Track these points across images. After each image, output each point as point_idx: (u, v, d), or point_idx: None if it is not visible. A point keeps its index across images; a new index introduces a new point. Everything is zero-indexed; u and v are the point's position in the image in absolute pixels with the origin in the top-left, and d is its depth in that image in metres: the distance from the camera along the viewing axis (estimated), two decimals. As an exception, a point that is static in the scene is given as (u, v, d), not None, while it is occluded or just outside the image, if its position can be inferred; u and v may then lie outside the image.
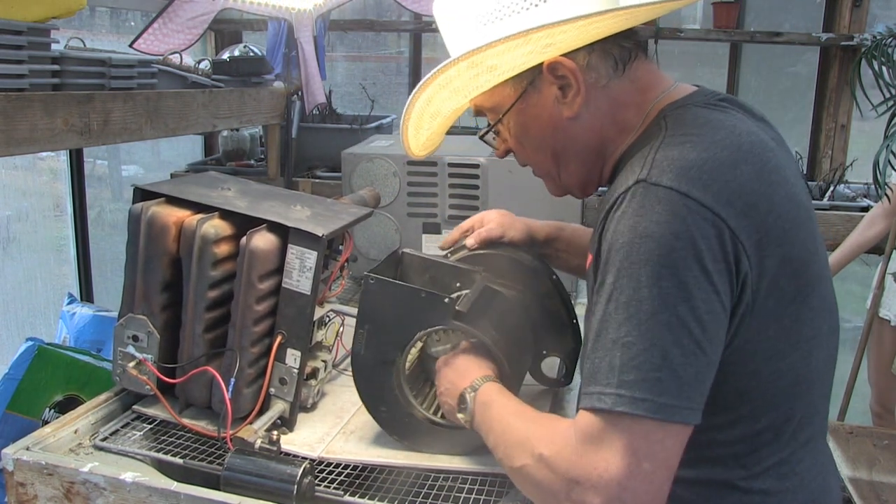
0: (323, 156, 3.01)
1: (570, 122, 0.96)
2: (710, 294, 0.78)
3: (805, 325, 0.87)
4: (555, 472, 0.80)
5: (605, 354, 0.79)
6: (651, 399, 0.76)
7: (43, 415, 1.96)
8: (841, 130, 3.16)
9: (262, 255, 1.15)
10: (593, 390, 0.79)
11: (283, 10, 2.82)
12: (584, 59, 0.93)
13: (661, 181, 0.80)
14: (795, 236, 0.85)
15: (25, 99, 1.57)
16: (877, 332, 2.67)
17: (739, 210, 0.79)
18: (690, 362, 0.77)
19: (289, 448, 1.15)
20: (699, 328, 0.77)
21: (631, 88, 0.96)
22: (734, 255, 0.79)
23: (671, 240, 0.77)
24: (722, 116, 0.90)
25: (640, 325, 0.77)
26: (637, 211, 0.79)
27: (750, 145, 0.85)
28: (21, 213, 2.55)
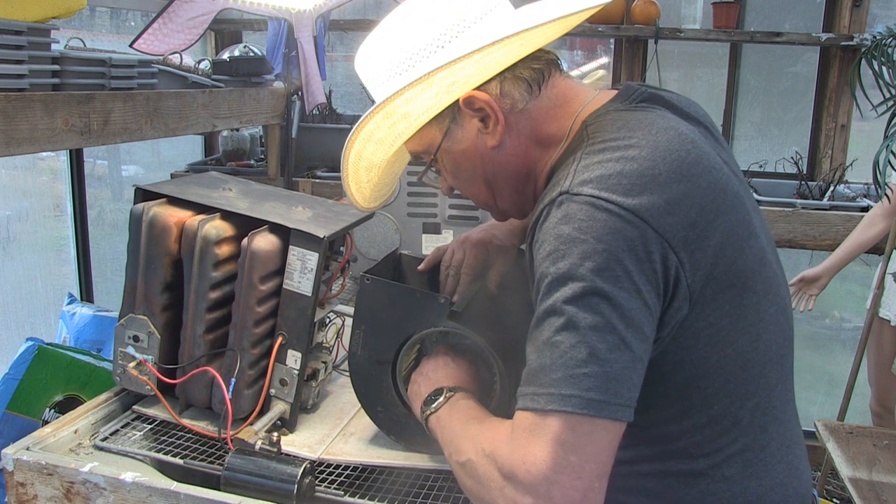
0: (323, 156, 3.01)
1: (495, 150, 0.99)
2: (633, 294, 0.80)
3: (749, 309, 0.89)
4: (492, 466, 0.82)
5: (538, 356, 0.81)
6: (578, 395, 0.77)
7: (43, 415, 1.96)
8: (841, 130, 3.17)
9: (263, 256, 1.15)
10: (527, 391, 0.81)
11: (283, 10, 2.82)
12: (496, 88, 0.96)
13: (582, 190, 0.83)
14: (724, 223, 0.86)
15: (25, 99, 1.57)
16: (877, 332, 2.67)
17: (662, 209, 0.82)
18: (617, 357, 0.78)
19: (289, 449, 1.15)
20: (623, 325, 0.79)
21: (550, 105, 0.98)
22: (660, 255, 0.81)
23: (593, 244, 0.80)
24: (641, 115, 0.92)
25: (566, 324, 0.79)
26: (560, 220, 0.83)
27: (667, 143, 0.87)
28: (21, 213, 2.55)
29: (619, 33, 3.16)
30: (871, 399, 2.79)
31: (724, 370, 0.89)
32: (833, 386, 3.32)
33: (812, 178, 3.17)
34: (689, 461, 0.91)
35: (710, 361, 0.88)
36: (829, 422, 2.48)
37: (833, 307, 3.59)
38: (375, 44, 1.00)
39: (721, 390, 0.90)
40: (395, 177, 1.17)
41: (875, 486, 2.07)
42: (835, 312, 3.63)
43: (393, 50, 0.97)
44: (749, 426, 0.92)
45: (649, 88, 0.99)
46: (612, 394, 0.78)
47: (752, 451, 0.93)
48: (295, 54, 2.91)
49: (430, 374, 1.08)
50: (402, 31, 0.97)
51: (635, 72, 3.28)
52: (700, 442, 0.91)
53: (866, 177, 2.63)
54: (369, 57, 1.01)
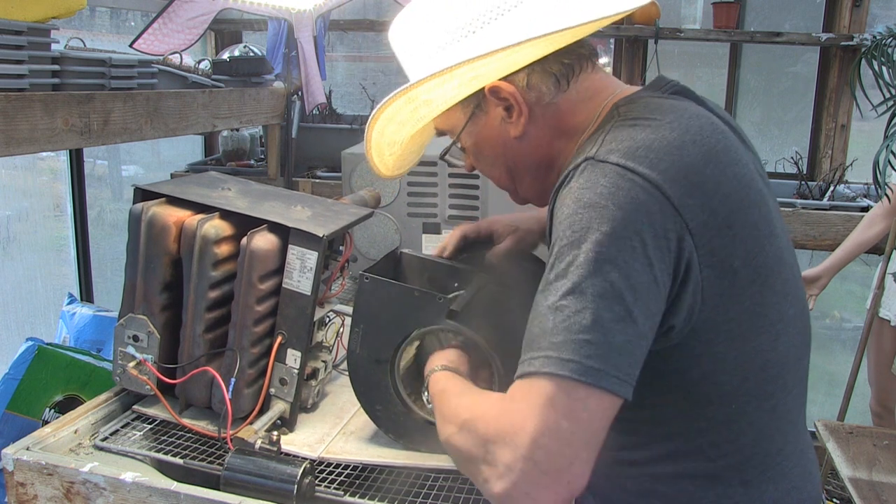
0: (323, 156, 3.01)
1: (517, 140, 0.98)
2: (645, 267, 0.78)
3: (770, 308, 0.88)
4: (474, 435, 0.80)
5: (540, 321, 0.79)
6: (578, 361, 0.74)
7: (43, 415, 1.96)
8: (841, 130, 3.17)
9: (262, 255, 1.15)
10: (525, 357, 0.78)
11: (283, 10, 2.82)
12: (523, 80, 0.95)
13: (608, 158, 0.81)
14: (746, 218, 0.85)
15: (25, 99, 1.57)
16: (877, 332, 2.67)
17: (685, 189, 0.80)
18: (621, 329, 0.76)
19: (289, 448, 1.15)
20: (632, 297, 0.77)
21: (578, 99, 0.98)
22: (675, 233, 0.80)
23: (613, 210, 0.78)
24: (672, 102, 0.92)
25: (573, 289, 0.77)
26: (582, 185, 0.81)
27: (699, 128, 0.87)
28: (21, 213, 2.55)
29: (619, 33, 3.16)
30: (871, 399, 2.79)
31: (742, 368, 0.88)
32: (833, 386, 3.32)
33: (812, 178, 3.17)
34: (705, 463, 0.90)
35: (729, 357, 0.87)
36: (829, 422, 2.48)
37: (833, 307, 3.59)
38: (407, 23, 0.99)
39: (739, 388, 0.88)
40: (422, 147, 1.17)
41: (875, 486, 2.07)
42: (835, 312, 3.63)
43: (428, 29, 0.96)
44: (766, 428, 0.91)
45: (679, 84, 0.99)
46: (612, 365, 0.75)
47: (769, 455, 0.91)
48: (295, 54, 2.91)
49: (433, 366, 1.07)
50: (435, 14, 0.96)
51: (635, 72, 3.28)
52: (716, 442, 0.89)
53: (866, 177, 2.63)
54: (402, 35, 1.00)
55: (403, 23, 1.00)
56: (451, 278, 1.26)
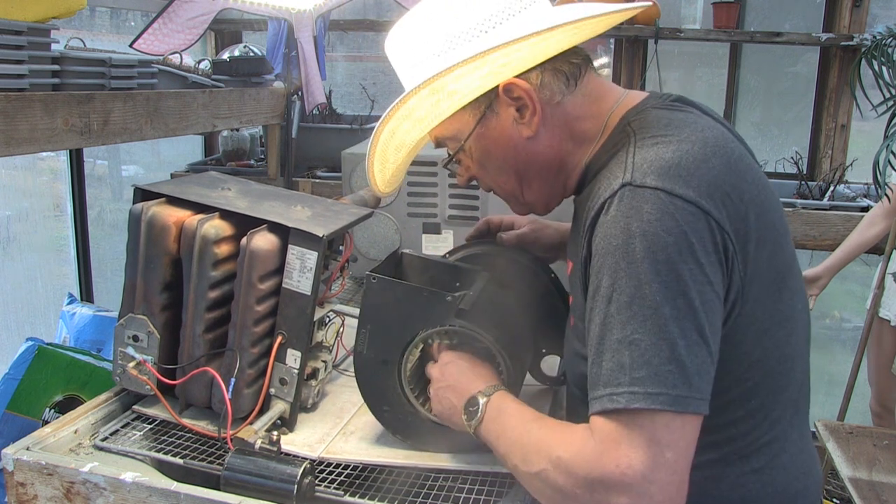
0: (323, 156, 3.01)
1: (529, 141, 0.99)
2: (706, 286, 0.81)
3: (785, 304, 0.91)
4: (574, 475, 0.81)
5: (612, 355, 0.80)
6: (666, 392, 0.77)
7: (43, 415, 1.96)
8: (841, 130, 3.17)
9: (262, 255, 1.15)
10: (603, 393, 0.80)
11: (283, 10, 2.82)
12: (536, 79, 0.97)
13: (645, 182, 0.83)
14: (768, 219, 0.88)
15: (25, 99, 1.57)
16: (877, 332, 2.67)
17: (718, 201, 0.83)
18: (695, 353, 0.79)
19: (289, 448, 1.15)
20: (699, 320, 0.80)
21: (584, 101, 1.00)
22: (723, 245, 0.82)
23: (664, 236, 0.80)
24: (682, 115, 0.94)
25: (644, 321, 0.79)
26: (626, 213, 0.82)
27: (714, 139, 0.89)
28: (21, 213, 2.55)
29: (620, 33, 3.16)
30: (871, 399, 2.79)
31: (764, 364, 0.91)
32: (833, 386, 3.32)
33: (812, 178, 3.17)
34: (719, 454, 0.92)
35: (754, 356, 0.90)
36: (829, 422, 2.48)
37: (833, 307, 3.59)
38: (411, 25, 1.00)
39: (760, 384, 0.91)
40: (406, 166, 1.17)
41: (875, 486, 2.07)
42: (835, 312, 3.63)
43: (433, 31, 0.97)
44: (779, 419, 0.94)
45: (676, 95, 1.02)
46: (695, 389, 0.78)
47: (779, 443, 0.94)
48: (295, 54, 2.91)
49: (457, 384, 1.06)
50: (442, 15, 0.97)
51: (635, 72, 3.28)
52: (734, 436, 0.92)
53: (866, 177, 2.63)
54: (404, 37, 1.00)
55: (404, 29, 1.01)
56: (452, 278, 1.26)
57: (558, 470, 0.83)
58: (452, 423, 1.07)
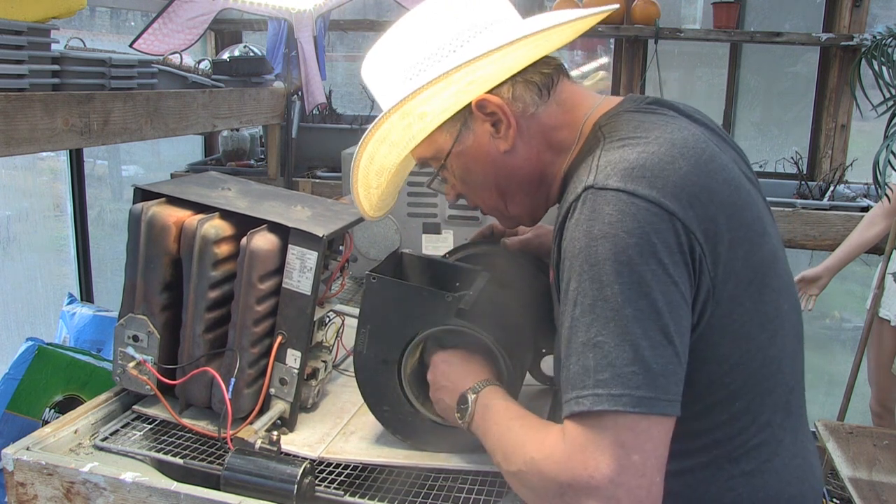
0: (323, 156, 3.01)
1: (507, 155, 0.99)
2: (670, 286, 0.80)
3: (767, 305, 0.90)
4: (545, 477, 0.81)
5: (577, 359, 0.80)
6: (628, 393, 0.77)
7: (43, 415, 1.96)
8: (841, 130, 3.17)
9: (262, 255, 1.15)
10: (571, 396, 0.80)
11: (283, 10, 2.82)
12: (508, 92, 0.97)
13: (608, 184, 0.83)
14: (741, 219, 0.88)
15: (25, 99, 1.57)
16: (877, 332, 2.67)
17: (685, 202, 0.82)
18: (660, 353, 0.79)
19: (289, 448, 1.15)
20: (664, 321, 0.79)
21: (559, 110, 1.00)
22: (688, 246, 0.82)
23: (625, 238, 0.80)
24: (653, 118, 0.94)
25: (607, 323, 0.79)
26: (589, 216, 0.83)
27: (683, 140, 0.88)
28: (21, 213, 2.55)
29: (619, 33, 3.16)
30: (871, 399, 2.79)
31: (745, 366, 0.90)
32: (833, 386, 3.32)
33: (812, 178, 3.17)
34: (708, 458, 0.92)
35: (733, 358, 0.89)
36: (829, 422, 2.48)
37: (833, 307, 3.59)
38: (382, 52, 1.01)
39: (743, 387, 0.91)
40: (398, 187, 1.18)
41: (875, 486, 2.07)
42: (835, 312, 3.63)
43: (403, 56, 0.98)
44: (767, 422, 0.93)
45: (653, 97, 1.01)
46: (660, 390, 0.78)
47: (769, 446, 0.94)
48: (295, 54, 2.91)
49: (449, 384, 1.06)
50: (410, 39, 0.98)
51: (635, 72, 3.28)
52: (720, 439, 0.92)
53: (866, 177, 2.63)
54: (377, 64, 1.02)
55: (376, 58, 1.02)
56: (452, 278, 1.26)
57: (531, 471, 0.83)
58: (453, 422, 1.08)
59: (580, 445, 0.78)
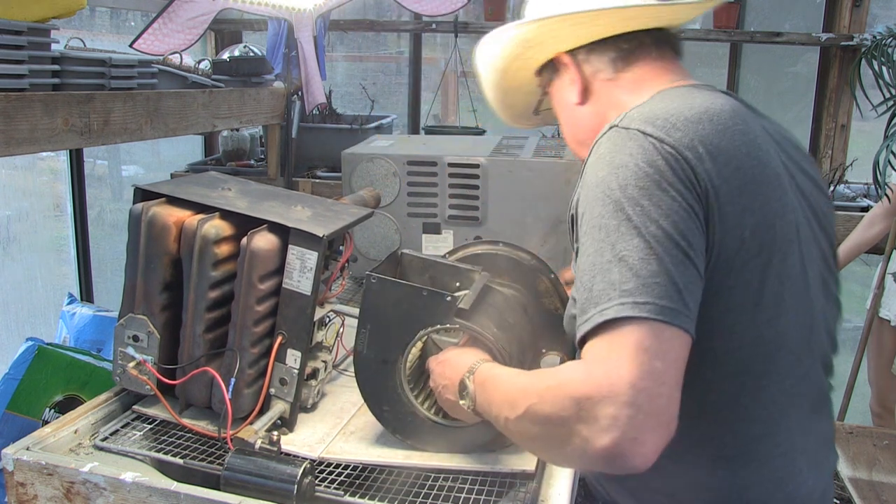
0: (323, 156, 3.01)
1: (578, 107, 1.10)
2: (689, 212, 0.84)
3: (768, 286, 0.90)
4: (561, 398, 0.78)
5: (602, 276, 0.81)
6: (653, 302, 0.77)
7: (43, 415, 1.96)
8: (841, 130, 3.16)
9: (262, 255, 1.15)
10: (594, 312, 0.79)
11: (283, 10, 2.81)
12: (584, 55, 1.07)
13: (629, 125, 0.90)
14: (756, 192, 0.89)
15: (25, 99, 1.57)
16: (877, 332, 2.67)
17: (699, 155, 0.86)
18: (681, 271, 0.80)
19: (289, 448, 1.15)
20: (684, 241, 0.82)
21: (633, 84, 1.05)
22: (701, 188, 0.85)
23: (644, 167, 0.84)
24: (701, 91, 0.99)
25: (632, 239, 0.81)
26: (611, 149, 0.88)
27: (720, 111, 0.92)
28: (21, 213, 2.55)
29: (619, 33, 3.15)
30: (871, 399, 2.79)
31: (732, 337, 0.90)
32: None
33: (812, 178, 3.16)
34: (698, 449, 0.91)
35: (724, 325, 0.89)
36: (829, 422, 2.48)
37: (833, 307, 3.59)
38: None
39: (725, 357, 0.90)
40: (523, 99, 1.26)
41: (875, 486, 2.07)
42: (835, 312, 3.62)
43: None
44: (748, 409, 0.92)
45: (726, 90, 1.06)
46: (683, 304, 0.79)
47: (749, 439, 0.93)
48: (295, 54, 2.91)
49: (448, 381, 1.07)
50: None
51: (635, 72, 3.28)
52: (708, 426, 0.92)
53: (866, 177, 2.63)
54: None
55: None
56: (452, 278, 1.26)
57: (544, 399, 0.81)
58: (465, 417, 1.08)
59: (602, 357, 0.77)
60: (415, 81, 3.52)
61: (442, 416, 1.14)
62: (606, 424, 0.73)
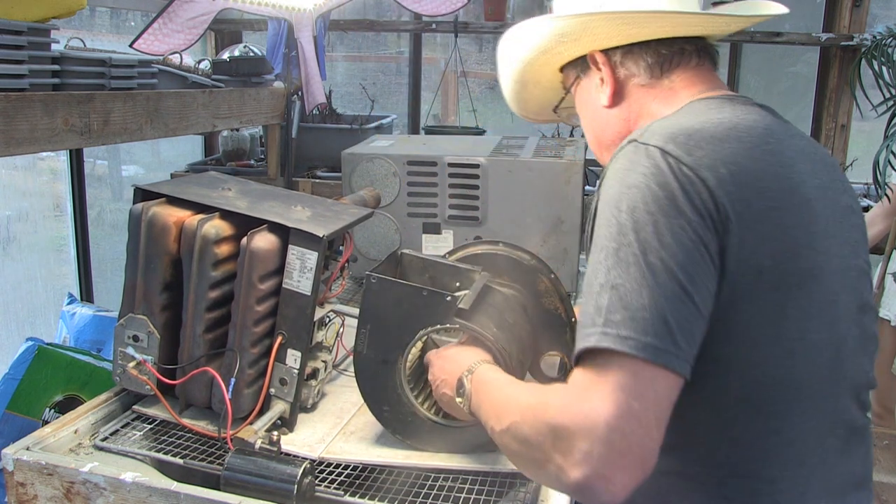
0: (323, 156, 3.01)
1: (606, 109, 1.07)
2: (697, 244, 0.79)
3: (789, 321, 0.85)
4: (540, 422, 0.78)
5: (593, 299, 0.79)
6: (635, 338, 0.74)
7: (43, 415, 1.96)
8: (841, 130, 3.16)
9: (262, 255, 1.15)
10: (580, 334, 0.79)
11: (283, 10, 2.81)
12: (618, 56, 1.04)
13: (649, 141, 0.86)
14: (781, 219, 0.85)
15: (25, 99, 1.57)
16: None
17: (720, 176, 0.82)
18: (677, 307, 0.77)
19: (289, 448, 1.15)
20: (684, 274, 0.78)
21: (667, 91, 1.02)
22: (717, 214, 0.81)
23: (656, 189, 0.81)
24: (732, 104, 0.95)
25: (628, 267, 0.78)
26: (626, 165, 0.85)
27: (748, 128, 0.89)
28: (21, 213, 2.54)
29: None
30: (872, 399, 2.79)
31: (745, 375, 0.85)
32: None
33: (812, 178, 3.16)
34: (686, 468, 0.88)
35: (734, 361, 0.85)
36: (830, 422, 2.48)
37: (833, 307, 3.58)
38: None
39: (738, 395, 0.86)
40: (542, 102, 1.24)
41: (875, 486, 2.07)
42: (835, 312, 3.62)
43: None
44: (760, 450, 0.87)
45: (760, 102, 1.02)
46: (670, 342, 0.75)
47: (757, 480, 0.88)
48: (295, 54, 2.91)
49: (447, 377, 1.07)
50: None
51: (635, 72, 3.28)
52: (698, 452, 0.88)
53: (866, 177, 2.63)
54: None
55: None
56: (452, 278, 1.26)
57: (525, 419, 0.81)
58: (458, 415, 1.08)
59: (581, 386, 0.76)
60: (415, 81, 3.52)
61: (442, 416, 1.14)
62: (579, 458, 0.73)
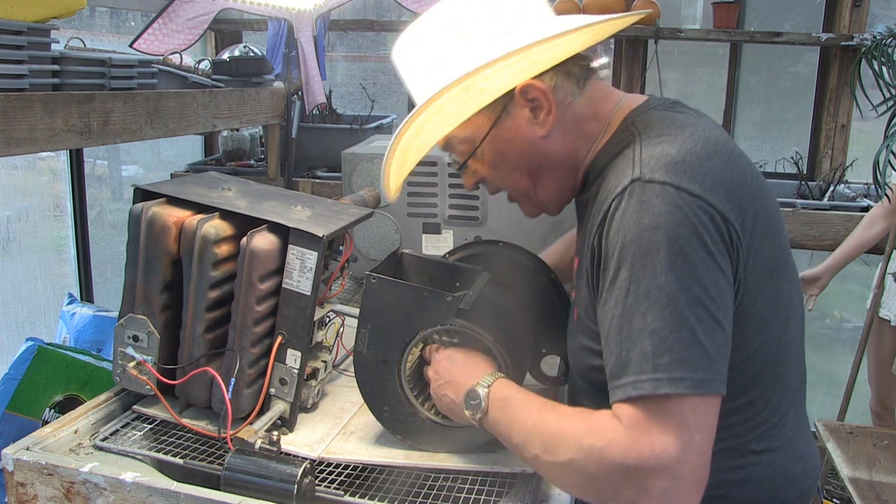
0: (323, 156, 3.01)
1: (543, 140, 1.02)
2: (717, 273, 0.85)
3: (783, 295, 0.96)
4: (608, 461, 0.83)
5: (633, 345, 0.83)
6: (689, 377, 0.81)
7: (43, 415, 1.96)
8: (841, 130, 3.16)
9: (262, 255, 1.15)
10: (626, 381, 0.83)
11: (283, 10, 2.82)
12: (551, 80, 1.00)
13: (654, 178, 0.87)
14: (766, 213, 0.93)
15: (25, 99, 1.57)
16: (877, 332, 2.67)
17: (723, 196, 0.87)
18: (712, 338, 0.83)
19: (289, 448, 1.15)
20: (714, 305, 0.84)
21: (589, 103, 1.04)
22: (728, 237, 0.87)
23: (676, 228, 0.84)
24: (683, 117, 0.99)
25: (663, 310, 0.82)
26: (638, 207, 0.86)
27: (714, 138, 0.93)
28: (21, 213, 2.55)
29: (619, 33, 3.15)
30: (871, 399, 2.79)
31: (763, 354, 0.95)
32: (833, 386, 3.32)
33: (812, 178, 3.17)
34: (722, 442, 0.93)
35: (753, 346, 0.94)
36: (829, 422, 2.48)
37: (833, 307, 3.60)
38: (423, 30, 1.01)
39: (760, 372, 0.95)
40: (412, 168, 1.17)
41: (875, 486, 2.07)
42: (835, 312, 3.63)
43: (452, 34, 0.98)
44: (779, 405, 0.99)
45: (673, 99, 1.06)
46: (714, 371, 0.83)
47: (779, 428, 0.99)
48: (295, 54, 2.91)
49: (453, 379, 1.08)
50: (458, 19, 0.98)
51: (635, 72, 3.28)
52: (735, 423, 0.96)
53: (866, 177, 2.63)
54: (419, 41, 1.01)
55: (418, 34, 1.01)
56: (452, 278, 1.26)
57: (590, 458, 0.85)
58: (457, 418, 1.08)
59: (644, 428, 0.81)
60: (415, 81, 3.52)
61: (442, 416, 1.14)
62: (657, 494, 0.80)
